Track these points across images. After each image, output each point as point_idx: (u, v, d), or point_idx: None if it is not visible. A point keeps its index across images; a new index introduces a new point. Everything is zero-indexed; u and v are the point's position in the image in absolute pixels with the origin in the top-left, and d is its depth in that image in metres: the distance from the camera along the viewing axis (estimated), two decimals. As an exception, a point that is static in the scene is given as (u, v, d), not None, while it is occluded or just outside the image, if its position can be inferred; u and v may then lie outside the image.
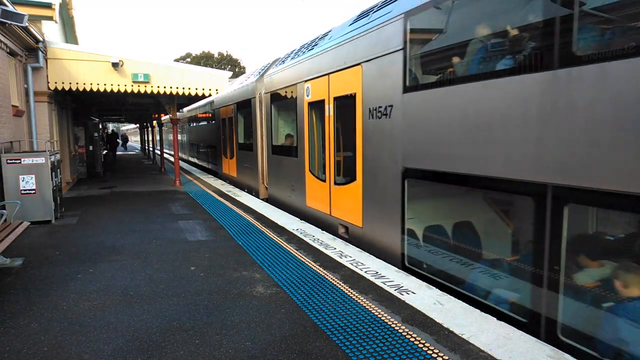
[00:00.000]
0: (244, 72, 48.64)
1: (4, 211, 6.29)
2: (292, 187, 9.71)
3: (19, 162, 8.02)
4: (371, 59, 6.22)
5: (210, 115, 19.09)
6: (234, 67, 56.67)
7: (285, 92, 9.85)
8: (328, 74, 7.62)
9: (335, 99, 7.47)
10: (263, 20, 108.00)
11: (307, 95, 8.56)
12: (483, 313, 4.06)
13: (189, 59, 57.50)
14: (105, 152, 28.05)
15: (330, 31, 8.34)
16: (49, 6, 9.31)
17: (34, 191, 8.13)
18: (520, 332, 3.67)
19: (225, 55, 60.00)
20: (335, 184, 7.65)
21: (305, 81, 8.58)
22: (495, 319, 3.93)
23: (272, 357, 3.36)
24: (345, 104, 7.06)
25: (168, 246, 6.68)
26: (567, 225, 3.54)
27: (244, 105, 13.15)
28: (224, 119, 16.07)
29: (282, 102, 10.24)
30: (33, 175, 8.11)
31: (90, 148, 18.75)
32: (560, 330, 3.63)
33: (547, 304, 3.71)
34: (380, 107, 6.08)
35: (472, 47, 4.69)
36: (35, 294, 4.72)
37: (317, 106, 8.22)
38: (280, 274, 5.33)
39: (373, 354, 3.38)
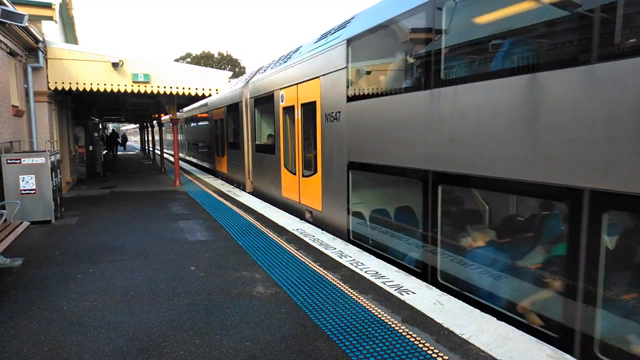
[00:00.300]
0: (244, 72, 48.62)
1: (4, 211, 6.29)
2: (272, 181, 11.07)
3: (19, 162, 8.02)
4: (326, 74, 7.67)
5: (204, 116, 20.17)
6: (234, 67, 56.66)
7: (266, 97, 11.15)
8: (297, 84, 9.01)
9: (302, 105, 8.84)
10: (263, 20, 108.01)
11: (282, 101, 9.94)
12: (483, 313, 4.06)
13: (189, 59, 57.48)
14: (105, 152, 28.13)
15: (301, 47, 9.75)
16: (49, 6, 9.31)
17: (34, 191, 8.13)
18: (520, 332, 3.67)
19: (225, 55, 60.02)
20: (303, 176, 9.02)
21: (280, 89, 9.97)
22: (495, 319, 3.94)
23: (272, 357, 3.36)
24: (309, 109, 8.43)
25: (168, 246, 6.68)
26: (441, 199, 5.09)
27: (233, 109, 14.48)
28: (216, 120, 17.38)
29: (263, 106, 11.60)
30: (33, 175, 8.11)
31: (90, 148, 18.75)
32: (440, 275, 5.16)
33: (431, 257, 5.27)
34: (332, 112, 7.53)
35: (388, 69, 6.31)
36: (35, 294, 4.73)
37: (289, 111, 9.56)
38: (280, 274, 5.33)
39: (373, 354, 3.38)
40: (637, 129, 2.99)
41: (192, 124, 24.90)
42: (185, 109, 23.89)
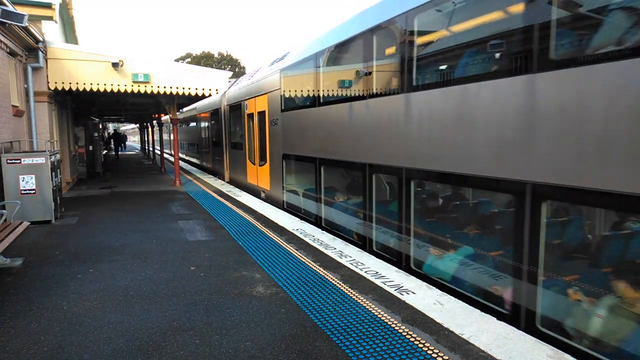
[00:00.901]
0: (244, 72, 48.58)
1: (4, 211, 6.29)
2: (241, 170, 14.37)
3: (19, 162, 8.01)
4: (271, 92, 10.80)
5: (195, 118, 23.26)
6: (234, 67, 56.61)
7: (237, 105, 14.39)
8: (255, 96, 12.14)
9: (258, 112, 11.92)
10: (263, 20, 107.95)
11: (246, 109, 13.11)
12: (483, 313, 4.06)
13: (189, 59, 57.42)
14: (105, 151, 28.22)
15: (260, 68, 13.12)
16: (49, 6, 9.30)
17: (34, 191, 8.13)
18: (520, 332, 3.67)
19: (225, 55, 59.94)
20: (259, 165, 12.08)
21: (245, 100, 13.15)
22: (495, 319, 3.94)
23: (272, 357, 3.36)
24: (262, 116, 11.54)
25: (168, 246, 6.68)
26: (323, 174, 8.32)
27: (215, 113, 17.81)
28: (203, 123, 20.84)
29: (235, 112, 14.80)
30: (33, 175, 8.10)
31: (90, 148, 18.75)
32: (323, 222, 8.40)
33: (320, 211, 8.52)
34: (274, 119, 10.63)
35: (300, 92, 9.47)
36: (35, 294, 4.73)
37: (250, 117, 12.70)
38: (280, 274, 5.33)
39: (373, 354, 3.38)
40: (383, 137, 6.22)
41: (184, 125, 27.50)
42: (182, 110, 24.39)
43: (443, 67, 5.50)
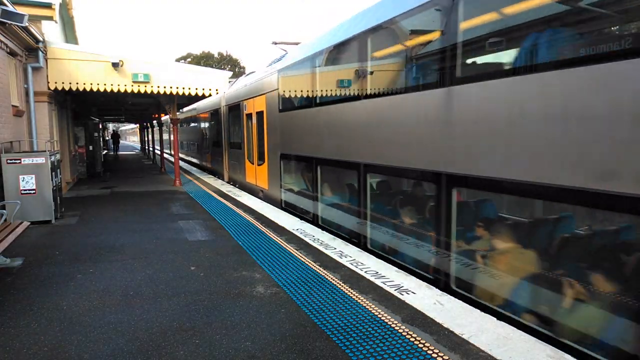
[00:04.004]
0: (244, 72, 48.49)
1: (4, 211, 6.29)
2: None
3: (19, 162, 8.01)
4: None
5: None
6: (234, 67, 56.58)
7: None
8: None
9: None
10: (263, 20, 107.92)
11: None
12: (483, 313, 4.06)
13: (189, 59, 57.40)
14: (105, 152, 28.31)
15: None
16: (49, 6, 9.29)
17: (34, 191, 8.13)
18: (520, 332, 3.67)
19: (225, 55, 59.92)
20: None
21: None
22: (495, 319, 3.94)
23: (272, 357, 3.36)
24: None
25: (168, 246, 6.68)
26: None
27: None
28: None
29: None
30: (33, 175, 8.10)
31: (91, 148, 18.75)
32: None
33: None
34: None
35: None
36: (35, 294, 4.73)
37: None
38: (280, 273, 5.33)
39: (373, 354, 3.38)
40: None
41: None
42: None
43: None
